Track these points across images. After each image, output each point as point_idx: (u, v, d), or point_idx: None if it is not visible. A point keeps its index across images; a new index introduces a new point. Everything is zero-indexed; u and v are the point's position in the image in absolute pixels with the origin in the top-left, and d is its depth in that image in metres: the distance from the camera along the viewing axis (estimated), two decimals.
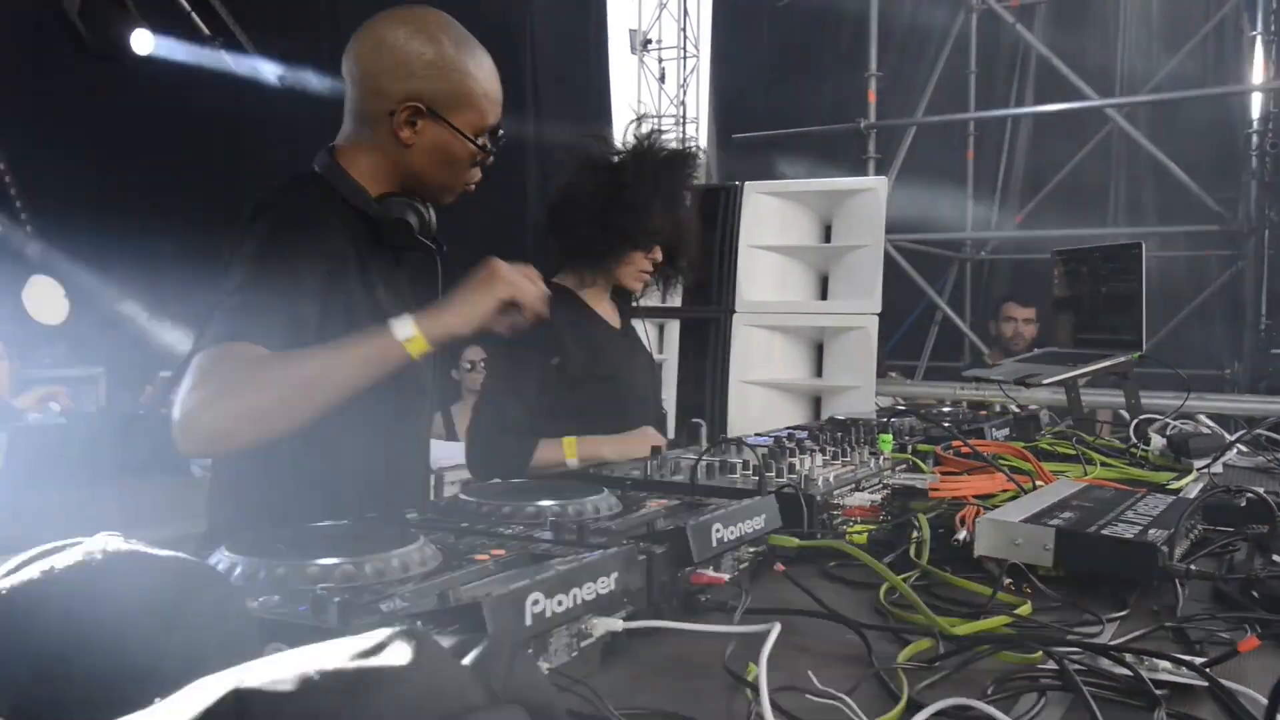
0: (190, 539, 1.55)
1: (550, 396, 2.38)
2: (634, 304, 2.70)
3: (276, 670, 0.50)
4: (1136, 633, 1.16)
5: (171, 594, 0.70)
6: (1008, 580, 1.33)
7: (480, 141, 1.69)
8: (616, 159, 2.47)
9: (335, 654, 0.54)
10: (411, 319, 1.48)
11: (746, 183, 4.19)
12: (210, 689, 0.49)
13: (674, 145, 2.55)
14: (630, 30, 10.42)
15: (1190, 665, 0.97)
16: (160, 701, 0.50)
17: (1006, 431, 2.61)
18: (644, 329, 2.74)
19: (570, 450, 2.34)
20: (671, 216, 2.49)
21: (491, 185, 1.79)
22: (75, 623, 0.66)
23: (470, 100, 1.66)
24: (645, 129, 2.52)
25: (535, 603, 0.92)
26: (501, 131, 1.73)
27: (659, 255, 2.54)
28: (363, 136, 1.68)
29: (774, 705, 0.86)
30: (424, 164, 1.67)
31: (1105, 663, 0.99)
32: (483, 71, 1.68)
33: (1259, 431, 2.75)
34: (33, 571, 0.68)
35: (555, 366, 2.37)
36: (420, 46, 1.62)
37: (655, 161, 2.46)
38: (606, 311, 2.60)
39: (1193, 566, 1.29)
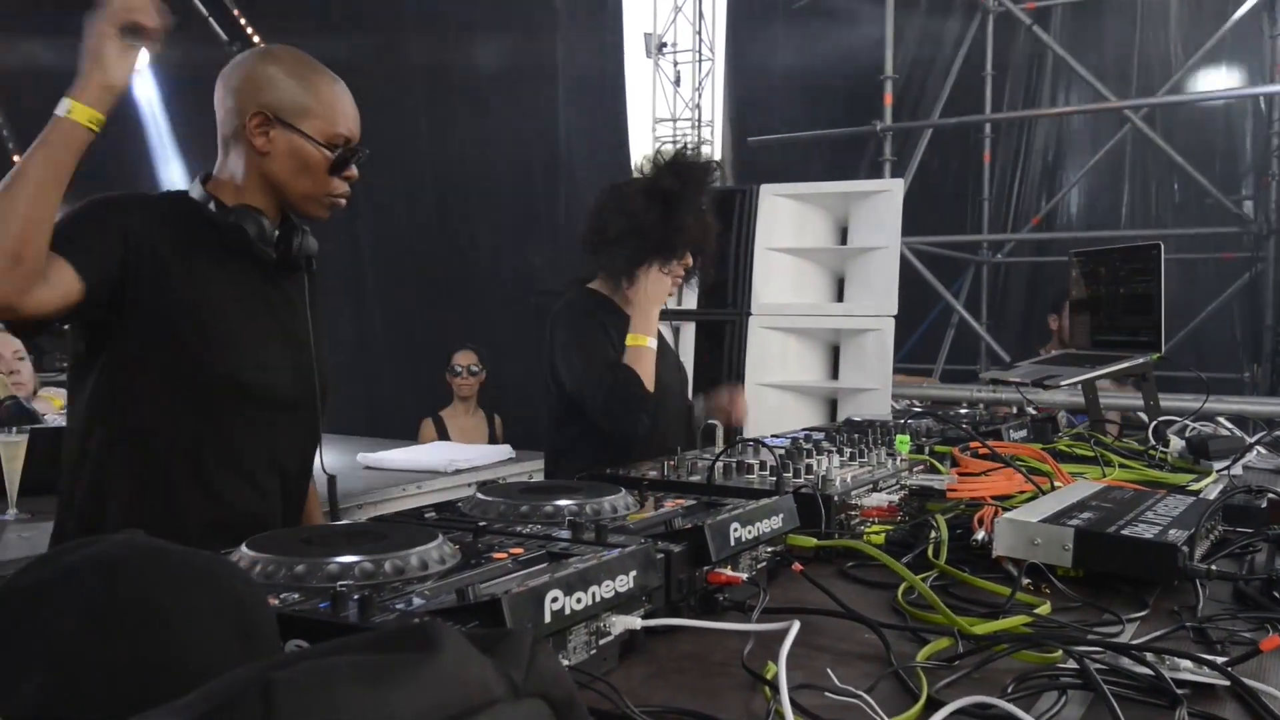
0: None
1: None
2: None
3: (300, 663, 0.50)
4: (1157, 632, 1.15)
5: (193, 590, 0.70)
6: (1026, 580, 1.32)
7: (335, 151, 1.77)
8: (659, 187, 2.49)
9: (358, 647, 0.54)
10: (67, 96, 1.52)
11: (762, 185, 4.18)
12: (235, 682, 0.49)
13: (701, 156, 2.59)
14: (645, 34, 10.39)
15: (1212, 664, 0.97)
16: (183, 697, 0.50)
17: (1024, 433, 2.60)
18: (669, 330, 2.77)
19: (634, 340, 2.43)
20: (702, 224, 2.55)
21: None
22: (97, 618, 0.66)
23: (316, 108, 1.77)
24: (676, 148, 2.59)
25: (554, 600, 0.93)
26: (365, 151, 1.82)
27: (690, 260, 2.60)
28: (228, 158, 1.80)
29: (793, 703, 0.86)
30: (281, 171, 1.77)
31: (1126, 662, 0.99)
32: (328, 85, 1.80)
33: (1278, 433, 2.74)
34: (55, 568, 0.69)
35: None
36: (266, 66, 1.77)
37: (693, 181, 2.51)
38: None
39: (1213, 567, 1.28)
